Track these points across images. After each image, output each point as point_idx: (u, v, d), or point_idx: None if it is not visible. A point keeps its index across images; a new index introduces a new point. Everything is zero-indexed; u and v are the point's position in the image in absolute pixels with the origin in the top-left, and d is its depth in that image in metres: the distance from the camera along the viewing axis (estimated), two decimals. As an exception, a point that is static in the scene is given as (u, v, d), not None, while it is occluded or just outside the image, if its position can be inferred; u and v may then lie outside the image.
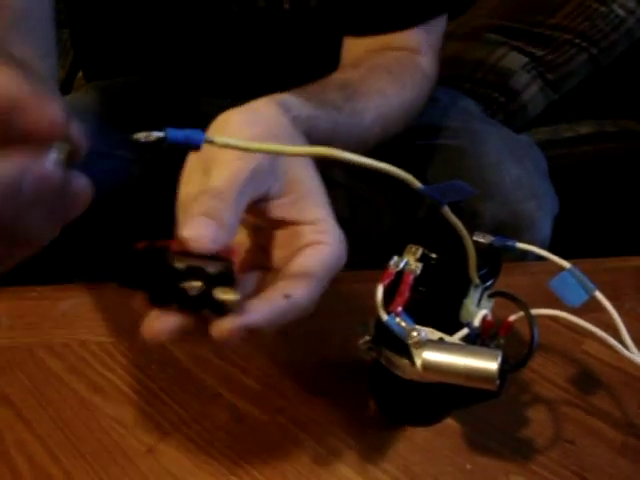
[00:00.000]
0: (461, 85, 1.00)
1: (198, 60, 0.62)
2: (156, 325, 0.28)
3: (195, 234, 0.27)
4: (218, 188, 0.29)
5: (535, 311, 0.34)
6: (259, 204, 0.32)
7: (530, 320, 0.34)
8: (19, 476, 0.34)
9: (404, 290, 0.33)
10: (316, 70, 0.47)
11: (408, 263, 0.34)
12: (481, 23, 1.04)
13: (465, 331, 0.33)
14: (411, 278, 0.33)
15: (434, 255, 0.34)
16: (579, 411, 0.39)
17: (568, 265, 0.35)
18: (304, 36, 0.57)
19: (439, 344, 0.32)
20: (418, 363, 0.32)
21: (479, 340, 0.34)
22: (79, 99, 0.64)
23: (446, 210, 0.29)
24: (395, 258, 0.34)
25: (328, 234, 0.32)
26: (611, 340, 0.35)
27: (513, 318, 0.35)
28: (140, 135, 0.23)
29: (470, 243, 0.32)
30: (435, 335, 0.34)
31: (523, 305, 0.34)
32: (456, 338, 0.33)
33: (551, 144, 1.08)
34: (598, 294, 0.34)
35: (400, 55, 0.54)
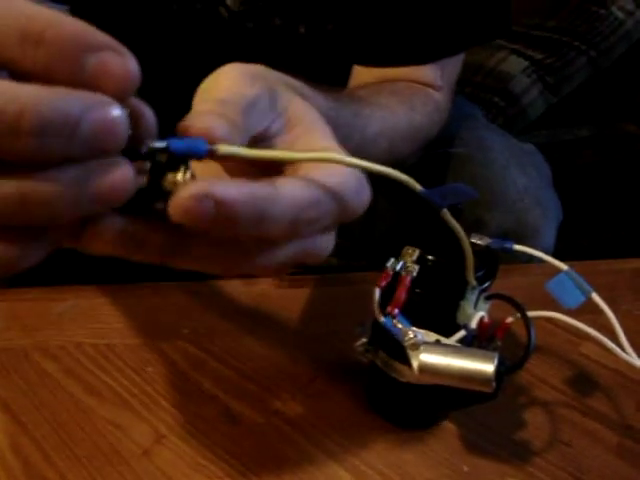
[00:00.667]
0: (461, 89, 1.00)
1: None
2: (94, 230, 0.22)
3: (208, 126, 0.23)
4: (221, 98, 0.25)
5: (532, 313, 0.34)
6: (261, 144, 0.28)
7: (527, 322, 0.34)
8: (14, 478, 0.34)
9: (401, 292, 0.33)
10: None
11: (405, 265, 0.33)
12: (479, 26, 1.04)
13: (462, 333, 0.33)
14: (408, 280, 0.33)
15: (431, 257, 0.34)
16: (576, 413, 0.39)
17: (565, 267, 0.35)
18: (316, 60, 0.55)
19: (436, 346, 0.32)
20: (415, 365, 0.32)
21: (476, 342, 0.34)
22: None
23: (445, 213, 0.29)
24: (392, 260, 0.34)
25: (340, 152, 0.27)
26: (608, 342, 0.35)
27: (510, 320, 0.35)
28: (142, 147, 0.22)
29: (468, 245, 0.32)
30: (432, 337, 0.33)
31: (520, 307, 0.34)
32: (453, 340, 0.33)
33: (550, 147, 1.08)
34: (595, 296, 0.34)
35: (412, 85, 0.54)
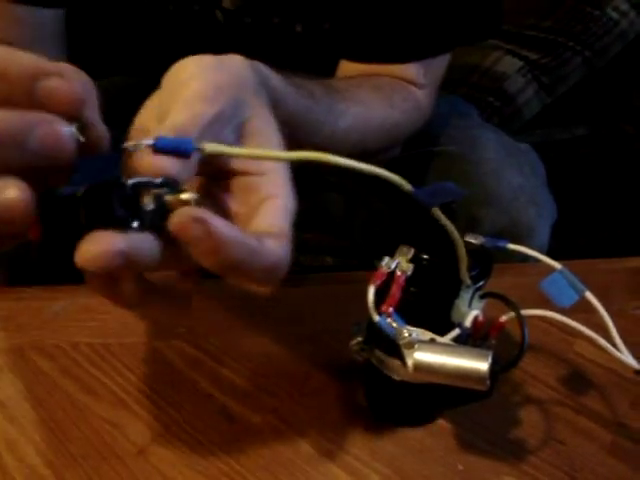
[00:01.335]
0: (456, 89, 1.00)
1: None
2: (97, 246, 0.23)
3: (157, 163, 0.24)
4: (179, 123, 0.27)
5: (526, 312, 0.34)
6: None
7: (521, 321, 0.34)
8: (10, 478, 0.34)
9: (395, 291, 0.33)
10: None
11: (400, 264, 0.34)
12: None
13: (456, 332, 0.34)
14: (402, 279, 0.33)
15: (426, 256, 0.34)
16: (570, 411, 0.39)
17: (559, 266, 0.35)
18: (311, 57, 0.56)
19: (430, 345, 0.33)
20: (409, 363, 0.32)
21: (470, 341, 0.34)
22: None
23: (437, 212, 0.29)
24: (387, 259, 0.34)
25: (282, 187, 0.30)
26: (601, 341, 0.35)
27: (504, 319, 0.35)
28: (129, 144, 0.23)
29: (461, 244, 0.32)
30: (426, 336, 0.34)
31: (514, 306, 0.34)
32: (447, 339, 0.34)
33: (546, 147, 1.09)
34: (589, 295, 0.34)
35: (394, 81, 0.54)
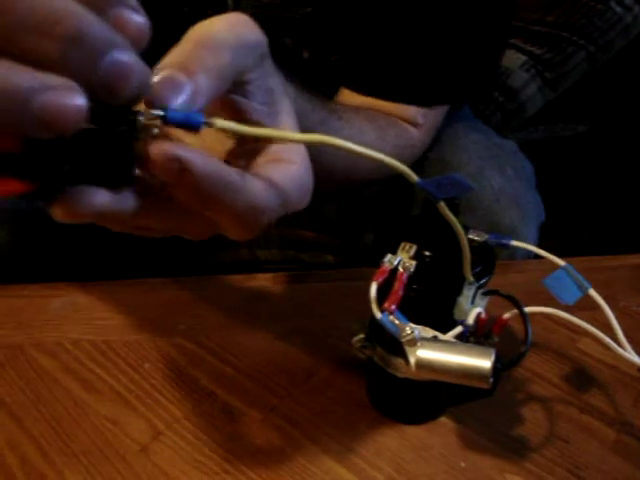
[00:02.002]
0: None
1: None
2: (81, 200, 0.22)
3: (163, 95, 0.22)
4: (212, 38, 0.25)
5: (529, 309, 0.34)
6: (240, 102, 0.28)
7: (524, 318, 0.34)
8: (11, 475, 0.34)
9: (398, 288, 0.33)
10: None
11: (402, 261, 0.33)
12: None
13: (459, 329, 0.33)
14: (405, 276, 0.33)
15: (428, 253, 0.34)
16: (573, 409, 0.39)
17: (563, 263, 0.35)
18: (314, 85, 0.56)
19: (433, 342, 0.32)
20: (412, 361, 0.32)
21: (473, 338, 0.34)
22: None
23: (442, 206, 0.29)
24: (389, 256, 0.34)
25: (297, 153, 0.29)
26: (605, 338, 0.35)
27: (507, 316, 0.35)
28: (139, 115, 0.22)
29: (465, 240, 0.31)
30: (429, 333, 0.33)
31: (517, 303, 0.34)
32: (450, 336, 0.33)
33: (549, 143, 1.08)
34: (592, 292, 0.34)
35: (390, 117, 0.54)
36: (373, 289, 0.33)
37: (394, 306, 0.32)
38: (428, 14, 0.51)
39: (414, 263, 0.33)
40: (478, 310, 0.33)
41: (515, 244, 0.36)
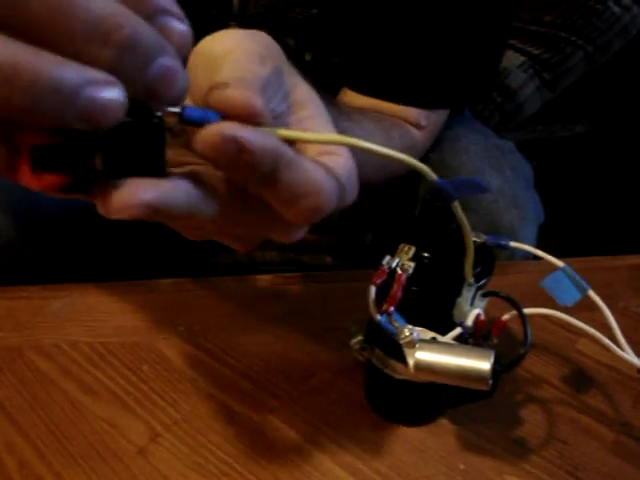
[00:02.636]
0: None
1: None
2: (132, 194, 0.22)
3: (250, 103, 0.22)
4: (244, 78, 0.25)
5: (528, 310, 0.34)
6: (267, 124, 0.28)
7: (523, 319, 0.34)
8: (9, 478, 0.34)
9: (397, 290, 0.33)
10: None
11: (401, 262, 0.33)
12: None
13: (458, 331, 0.33)
14: (404, 278, 0.33)
15: (427, 254, 0.34)
16: (572, 410, 0.39)
17: (561, 264, 0.34)
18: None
19: (431, 344, 0.32)
20: (410, 363, 0.32)
21: (472, 340, 0.34)
22: None
23: (455, 205, 0.29)
24: (388, 257, 0.34)
25: (340, 149, 0.28)
26: (604, 339, 0.35)
27: (506, 317, 0.35)
28: (157, 112, 0.22)
29: (471, 242, 0.31)
30: (428, 335, 0.33)
31: (516, 304, 0.34)
32: (449, 338, 0.33)
33: (547, 143, 1.08)
34: (591, 293, 0.34)
35: (396, 120, 0.54)
36: (372, 291, 0.33)
37: (393, 308, 0.32)
38: (433, 17, 0.51)
39: (413, 265, 0.33)
40: (477, 311, 0.33)
41: (514, 245, 0.36)
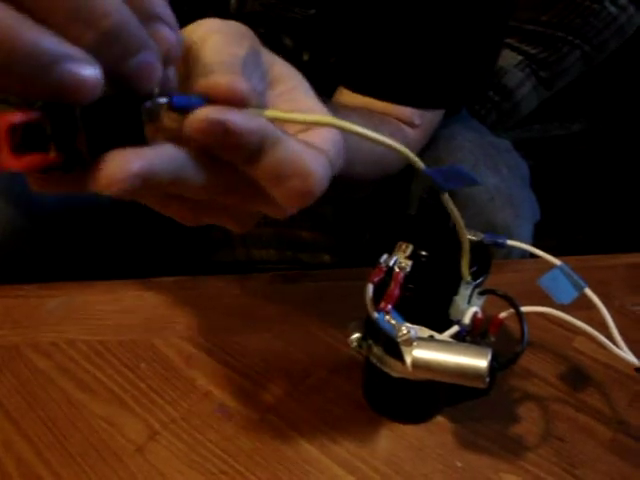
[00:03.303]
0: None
1: None
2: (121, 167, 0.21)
3: (236, 87, 0.23)
4: (225, 61, 0.25)
5: (525, 308, 0.34)
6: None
7: (520, 317, 0.34)
8: (7, 476, 0.34)
9: (394, 288, 0.33)
10: None
11: (398, 261, 0.33)
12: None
13: (455, 329, 0.33)
14: (401, 276, 0.33)
15: (424, 252, 0.34)
16: (569, 408, 0.39)
17: (558, 262, 0.35)
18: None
19: (429, 342, 0.32)
20: (408, 361, 0.32)
21: (469, 338, 0.34)
22: None
23: (446, 197, 0.29)
24: (385, 256, 0.34)
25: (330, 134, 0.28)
26: (601, 337, 0.35)
27: (503, 315, 0.35)
28: (147, 102, 0.22)
29: (465, 236, 0.31)
30: (425, 333, 0.33)
31: (513, 302, 0.34)
32: (446, 336, 0.33)
33: (543, 142, 1.08)
34: (588, 291, 0.34)
35: (386, 117, 0.54)
36: (369, 289, 0.33)
37: (390, 306, 0.32)
38: (430, 16, 0.51)
39: (410, 263, 0.33)
40: (474, 309, 0.34)
41: (510, 243, 0.36)
